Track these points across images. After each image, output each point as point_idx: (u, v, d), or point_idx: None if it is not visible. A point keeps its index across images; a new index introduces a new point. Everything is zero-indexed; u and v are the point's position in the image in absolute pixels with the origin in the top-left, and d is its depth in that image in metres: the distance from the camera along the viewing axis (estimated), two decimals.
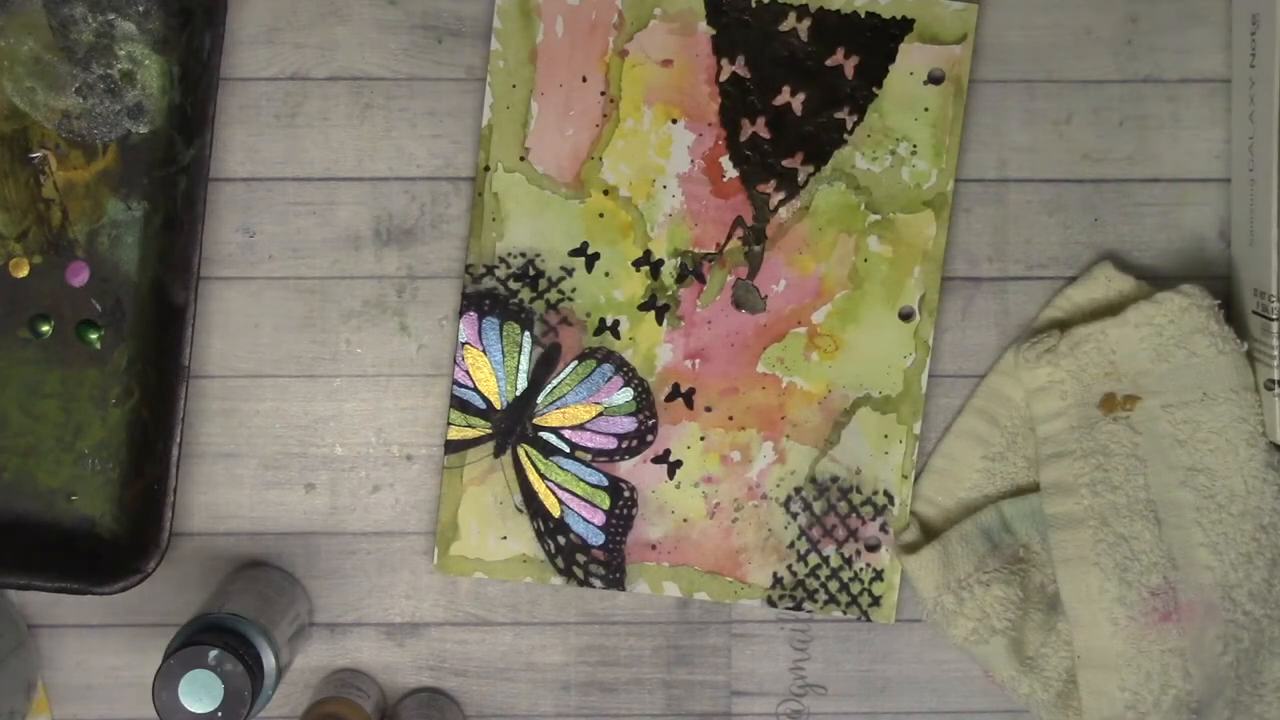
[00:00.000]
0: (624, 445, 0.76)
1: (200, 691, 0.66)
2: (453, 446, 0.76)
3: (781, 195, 0.75)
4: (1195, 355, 0.74)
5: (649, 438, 0.76)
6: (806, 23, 0.74)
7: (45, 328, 0.75)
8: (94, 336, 0.75)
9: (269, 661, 0.69)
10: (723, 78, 0.75)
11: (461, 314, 0.76)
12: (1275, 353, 0.73)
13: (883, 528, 0.76)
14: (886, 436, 0.76)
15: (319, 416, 0.77)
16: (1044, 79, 0.76)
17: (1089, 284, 0.76)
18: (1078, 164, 0.77)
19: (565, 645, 0.78)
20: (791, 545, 0.76)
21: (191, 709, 0.66)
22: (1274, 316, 0.73)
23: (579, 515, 0.76)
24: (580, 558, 0.76)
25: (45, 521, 0.75)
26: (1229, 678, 0.74)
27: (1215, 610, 0.73)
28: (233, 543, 0.77)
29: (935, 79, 0.75)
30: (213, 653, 0.66)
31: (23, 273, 0.75)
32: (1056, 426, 0.75)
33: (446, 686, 0.78)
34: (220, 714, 0.66)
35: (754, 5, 0.74)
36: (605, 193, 0.75)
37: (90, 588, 0.72)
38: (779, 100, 0.75)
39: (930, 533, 0.77)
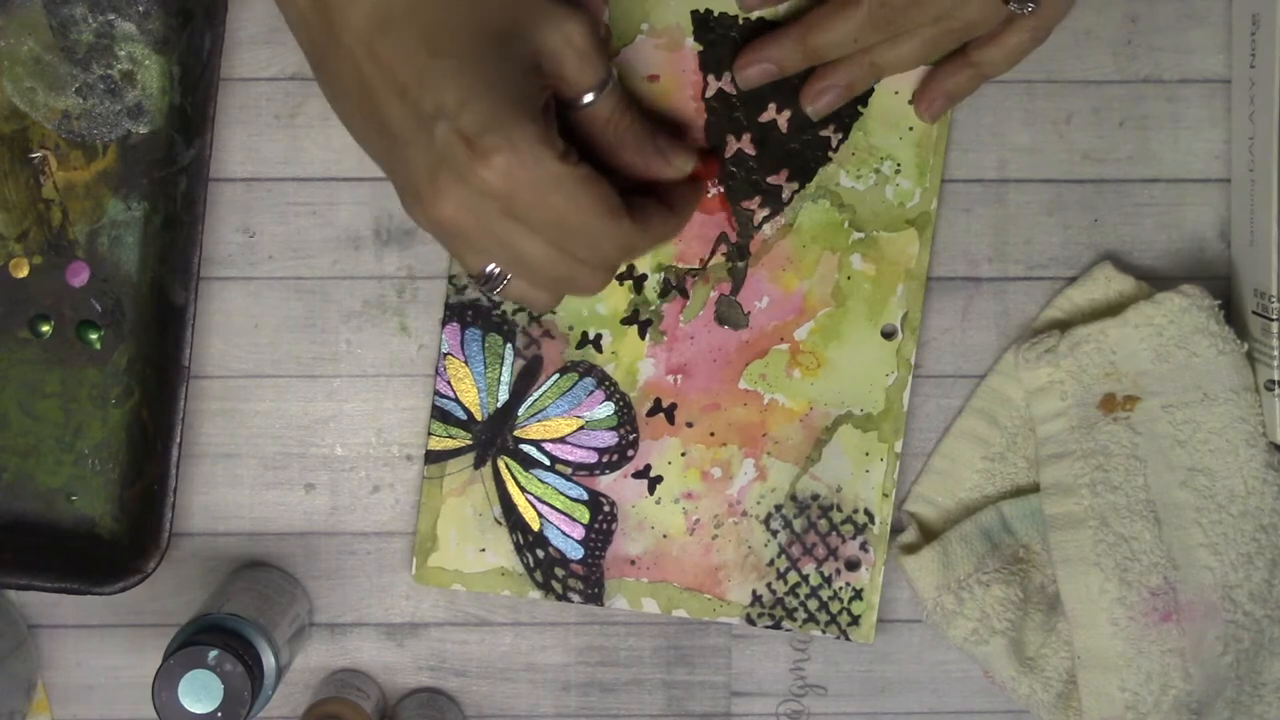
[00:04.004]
0: (604, 459, 0.76)
1: (200, 691, 0.66)
2: (433, 457, 0.76)
3: (766, 212, 0.75)
4: (1195, 356, 0.74)
5: (630, 452, 0.76)
6: None
7: (45, 328, 0.75)
8: (94, 336, 0.75)
9: (269, 661, 0.69)
10: (709, 94, 0.75)
11: (444, 325, 0.75)
12: (1275, 353, 0.73)
13: (863, 546, 0.76)
14: (868, 454, 0.76)
15: (319, 416, 0.77)
16: (1044, 79, 0.76)
17: (1089, 284, 0.76)
18: (1078, 164, 0.77)
19: (565, 645, 0.78)
20: (771, 563, 0.76)
21: (191, 709, 0.66)
22: (1274, 316, 0.73)
23: (558, 529, 0.76)
24: (559, 572, 0.76)
25: (45, 521, 0.75)
26: (1229, 678, 0.74)
27: (1215, 611, 0.74)
28: (233, 543, 0.77)
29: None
30: (213, 653, 0.66)
31: (23, 273, 0.75)
32: (1056, 427, 0.75)
33: (446, 686, 0.78)
34: (220, 714, 0.67)
35: (741, 22, 0.74)
36: None
37: (90, 588, 0.72)
38: (764, 117, 0.75)
39: (930, 533, 0.77)
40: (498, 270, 0.65)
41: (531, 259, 0.64)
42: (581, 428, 0.76)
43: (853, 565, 0.76)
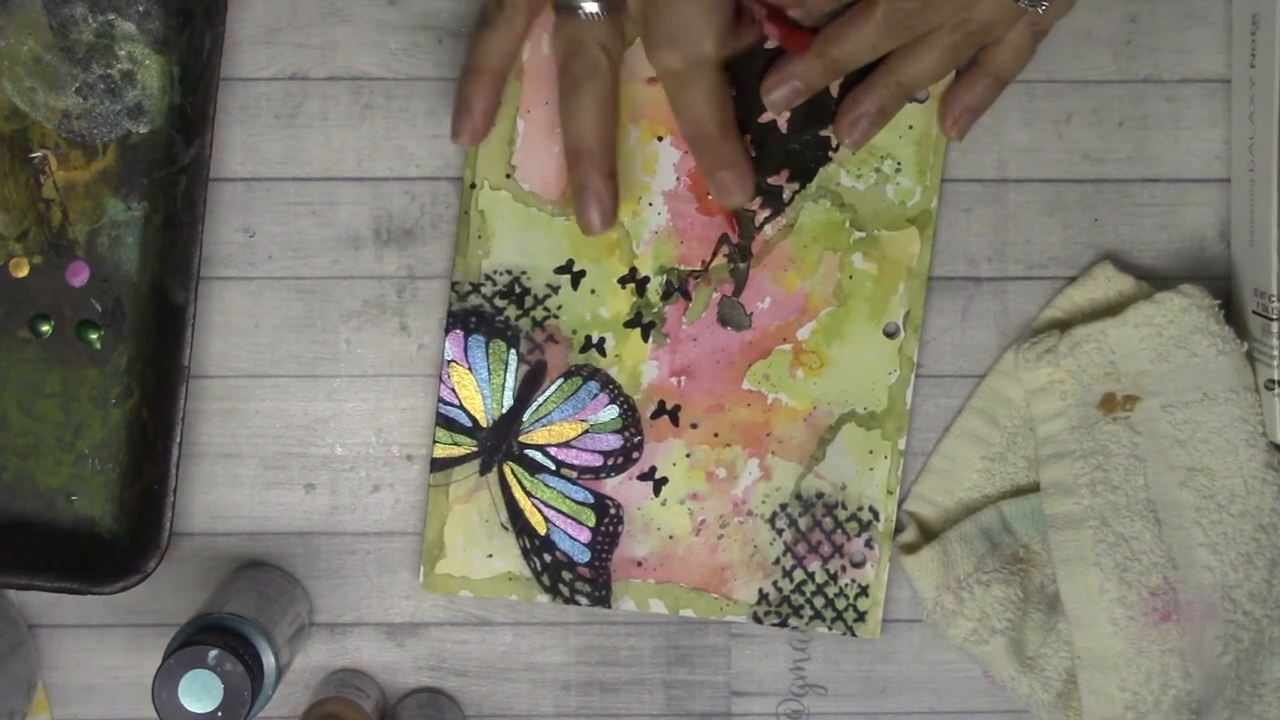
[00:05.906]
0: (610, 462, 0.76)
1: (200, 691, 0.66)
2: (438, 464, 0.76)
3: (767, 213, 0.75)
4: (1195, 355, 0.74)
5: (635, 455, 0.76)
6: None
7: (45, 328, 0.75)
8: (94, 336, 0.75)
9: (269, 661, 0.69)
10: None
11: (447, 331, 0.75)
12: (1275, 353, 0.73)
13: (868, 543, 0.76)
14: (871, 452, 0.76)
15: (319, 416, 0.77)
16: (1043, 79, 0.76)
17: (1089, 284, 0.76)
18: (1077, 164, 0.77)
19: (565, 645, 0.78)
20: (777, 561, 0.76)
21: (191, 709, 0.66)
22: (1274, 316, 0.73)
23: (565, 533, 0.76)
24: (566, 575, 0.76)
25: (45, 521, 0.75)
26: (1229, 678, 0.74)
27: (1215, 610, 0.74)
28: (233, 543, 0.77)
29: (919, 98, 0.75)
30: (213, 653, 0.66)
31: (23, 273, 0.75)
32: (1056, 426, 0.75)
33: (446, 686, 0.78)
34: (220, 714, 0.67)
35: None
36: None
37: (90, 588, 0.72)
38: (764, 118, 0.75)
39: (930, 533, 0.77)
40: None
41: None
42: (586, 431, 0.76)
43: (858, 562, 0.76)
